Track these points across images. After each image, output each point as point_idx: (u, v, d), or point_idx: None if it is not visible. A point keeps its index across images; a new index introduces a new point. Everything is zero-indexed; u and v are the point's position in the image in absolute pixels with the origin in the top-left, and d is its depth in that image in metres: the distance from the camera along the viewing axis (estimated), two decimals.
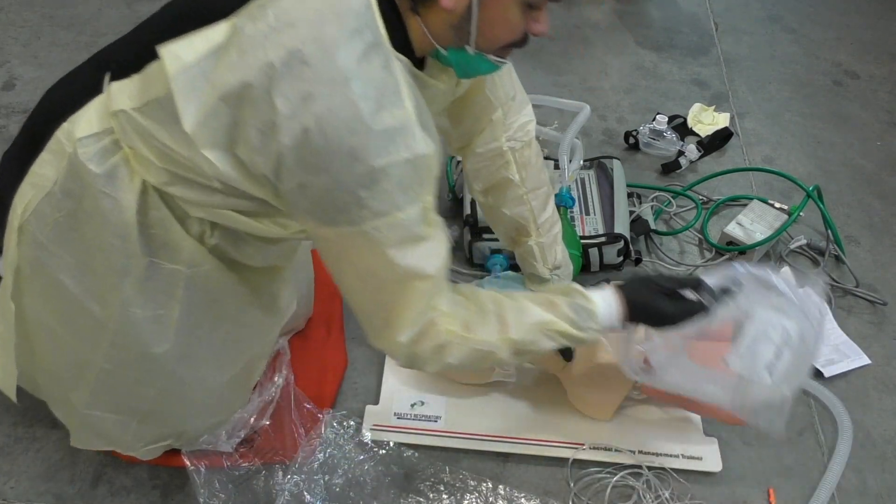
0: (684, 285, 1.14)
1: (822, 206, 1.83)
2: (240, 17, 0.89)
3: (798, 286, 1.23)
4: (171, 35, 0.90)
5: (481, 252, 1.71)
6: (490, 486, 1.35)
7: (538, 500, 1.34)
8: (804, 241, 1.83)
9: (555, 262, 1.44)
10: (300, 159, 0.87)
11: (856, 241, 1.90)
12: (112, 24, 2.38)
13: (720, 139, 2.13)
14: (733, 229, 1.78)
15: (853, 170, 2.11)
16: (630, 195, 1.88)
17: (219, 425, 1.30)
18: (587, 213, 1.76)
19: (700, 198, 1.94)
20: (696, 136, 2.15)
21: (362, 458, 1.36)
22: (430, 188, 0.94)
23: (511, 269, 1.62)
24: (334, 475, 1.33)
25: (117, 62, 1.00)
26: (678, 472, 1.39)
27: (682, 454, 1.40)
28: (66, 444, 1.37)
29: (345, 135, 0.85)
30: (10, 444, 1.39)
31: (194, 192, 0.97)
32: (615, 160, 1.89)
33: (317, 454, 1.34)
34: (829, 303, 1.70)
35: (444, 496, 1.33)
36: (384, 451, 1.37)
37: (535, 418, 1.45)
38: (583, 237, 1.69)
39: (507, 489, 1.35)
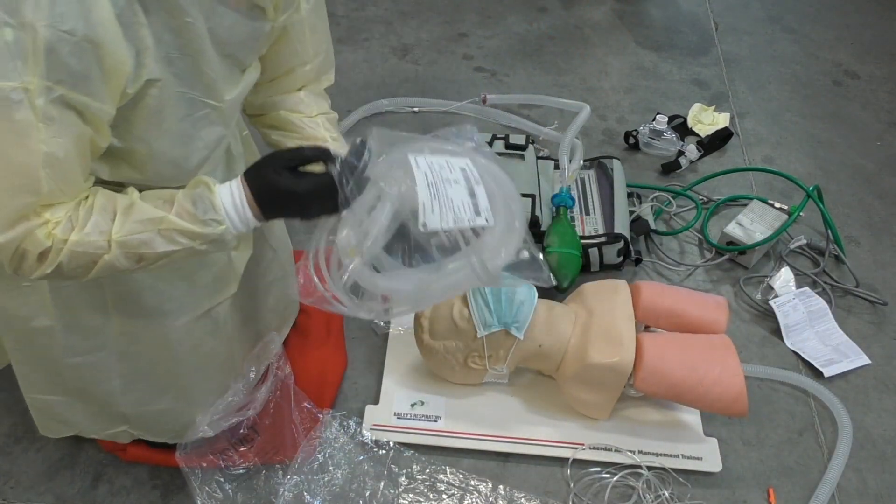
0: (309, 159, 0.99)
1: (822, 206, 1.83)
2: None
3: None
4: None
5: None
6: (490, 486, 1.35)
7: (538, 500, 1.34)
8: (804, 241, 1.83)
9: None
10: None
11: (856, 241, 1.90)
12: None
13: (720, 139, 2.13)
14: (733, 229, 1.79)
15: (853, 170, 2.11)
16: (630, 195, 1.88)
17: (172, 413, 1.27)
18: (587, 213, 1.76)
19: (700, 198, 1.94)
20: (696, 136, 2.15)
21: (362, 458, 1.36)
22: (51, 74, 0.80)
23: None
24: (334, 475, 1.33)
25: None
26: (678, 472, 1.39)
27: (681, 454, 1.40)
28: (66, 444, 1.37)
29: None
30: (10, 444, 1.39)
31: None
32: (615, 160, 1.89)
33: (317, 454, 1.34)
34: (829, 303, 1.70)
35: (444, 496, 1.33)
36: (384, 451, 1.37)
37: (535, 418, 1.45)
38: (583, 237, 1.69)
39: (507, 489, 1.35)
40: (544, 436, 1.42)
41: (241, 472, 1.33)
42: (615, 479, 1.37)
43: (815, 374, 1.59)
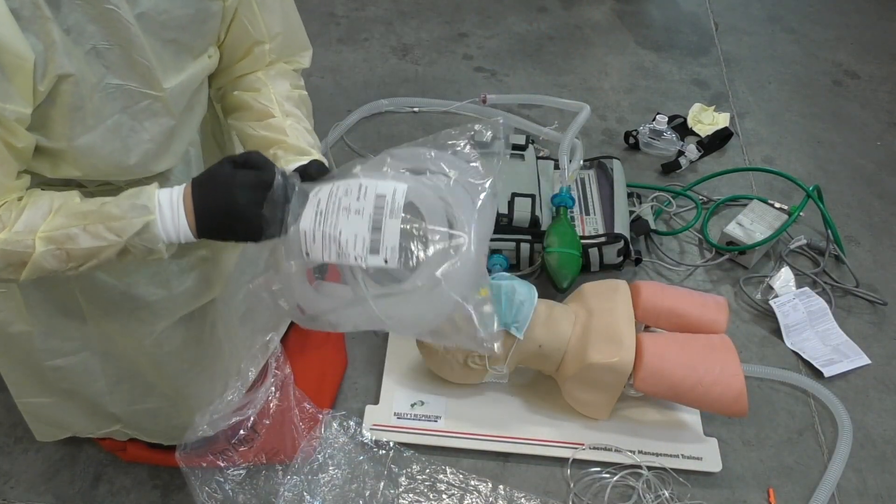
0: (255, 161, 0.93)
1: (822, 206, 1.83)
2: None
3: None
4: None
5: None
6: (490, 486, 1.35)
7: (538, 500, 1.34)
8: (804, 241, 1.83)
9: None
10: None
11: (856, 241, 1.90)
12: None
13: (720, 139, 2.13)
14: (733, 229, 1.79)
15: (853, 170, 2.11)
16: (630, 195, 1.88)
17: (164, 413, 1.26)
18: (587, 213, 1.76)
19: (700, 198, 1.94)
20: (696, 136, 2.15)
21: (362, 458, 1.36)
22: None
23: (510, 269, 1.62)
24: (334, 475, 1.33)
25: None
26: (678, 472, 1.39)
27: (681, 454, 1.40)
28: (66, 445, 1.37)
29: None
30: (10, 444, 1.39)
31: None
32: (615, 160, 1.89)
33: (317, 454, 1.34)
34: (829, 303, 1.70)
35: (444, 496, 1.33)
36: (384, 451, 1.37)
37: (535, 418, 1.45)
38: (583, 237, 1.69)
39: (507, 489, 1.35)
40: (544, 436, 1.42)
41: (241, 472, 1.33)
42: (615, 479, 1.37)
43: (815, 374, 1.59)
